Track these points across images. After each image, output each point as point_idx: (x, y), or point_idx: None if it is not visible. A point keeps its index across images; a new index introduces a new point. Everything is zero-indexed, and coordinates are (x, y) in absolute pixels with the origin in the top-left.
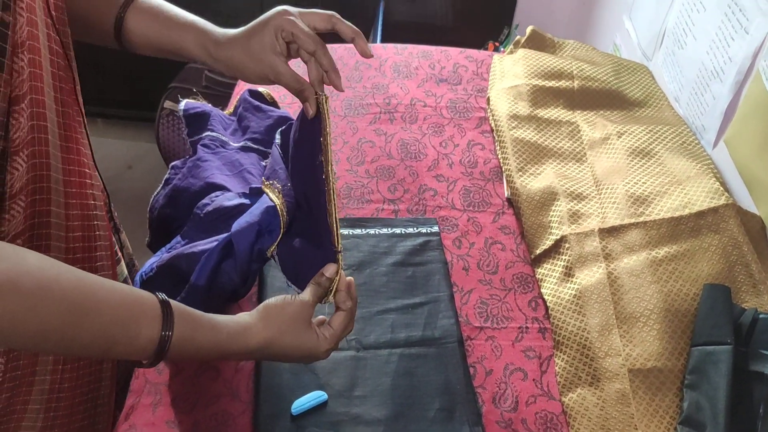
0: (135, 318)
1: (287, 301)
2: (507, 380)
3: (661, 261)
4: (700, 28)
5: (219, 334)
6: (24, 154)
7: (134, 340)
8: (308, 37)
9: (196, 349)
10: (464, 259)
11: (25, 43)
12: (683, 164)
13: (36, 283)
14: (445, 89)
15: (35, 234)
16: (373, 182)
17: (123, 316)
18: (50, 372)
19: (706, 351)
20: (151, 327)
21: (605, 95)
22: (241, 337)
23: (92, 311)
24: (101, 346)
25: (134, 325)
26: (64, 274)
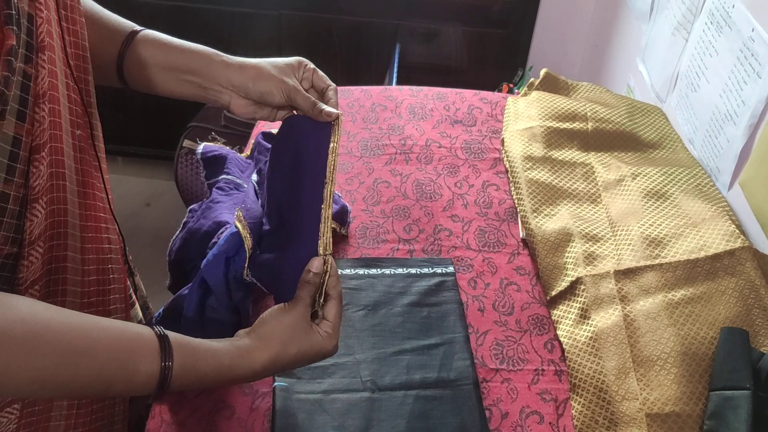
0: (132, 354)
1: (283, 311)
2: (523, 423)
3: (677, 304)
4: (713, 71)
5: (221, 360)
6: (43, 201)
7: (134, 375)
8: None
9: (199, 378)
10: (479, 299)
11: (46, 93)
12: (698, 206)
13: (27, 331)
14: (459, 130)
15: (52, 279)
16: (389, 222)
17: (119, 353)
18: (65, 417)
19: (724, 396)
20: (149, 361)
21: (619, 137)
22: (245, 361)
23: (87, 352)
24: (100, 385)
25: (132, 361)
26: (56, 318)
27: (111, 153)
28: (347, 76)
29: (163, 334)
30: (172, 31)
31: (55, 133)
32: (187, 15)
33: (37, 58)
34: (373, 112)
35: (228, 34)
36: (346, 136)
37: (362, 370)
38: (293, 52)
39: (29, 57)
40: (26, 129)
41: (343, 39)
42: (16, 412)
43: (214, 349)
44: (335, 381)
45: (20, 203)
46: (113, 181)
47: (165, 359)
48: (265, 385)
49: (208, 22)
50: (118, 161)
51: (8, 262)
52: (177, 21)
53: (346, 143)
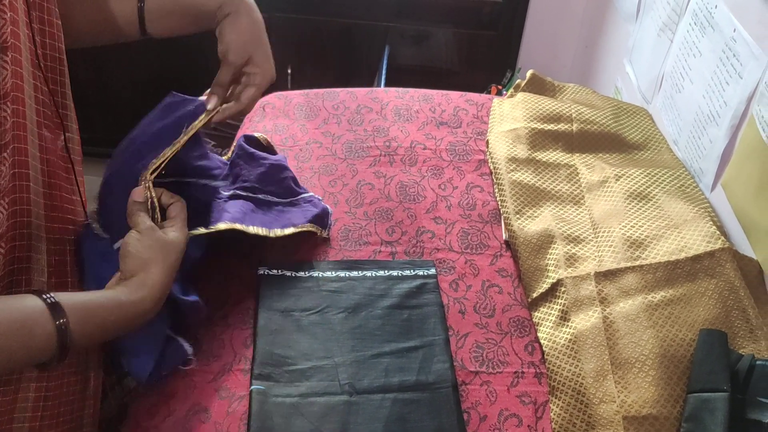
0: (24, 320)
1: (125, 242)
2: (501, 426)
3: (657, 305)
4: (696, 72)
5: (115, 299)
6: (5, 201)
7: (30, 340)
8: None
9: (99, 325)
10: (461, 302)
11: (9, 94)
12: (680, 208)
13: None
14: (445, 132)
15: (14, 280)
16: (371, 224)
17: (12, 323)
18: (29, 419)
19: (702, 398)
20: (43, 322)
21: (604, 138)
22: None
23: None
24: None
25: (26, 327)
26: None
27: (98, 155)
28: (337, 79)
29: (49, 296)
30: None
31: (18, 133)
32: None
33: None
34: (359, 114)
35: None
36: (331, 138)
37: (340, 374)
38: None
39: None
40: None
41: (333, 41)
42: None
43: (102, 294)
44: (313, 384)
45: None
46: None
47: (57, 317)
48: (242, 389)
49: None
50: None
51: None
52: None
53: (331, 145)
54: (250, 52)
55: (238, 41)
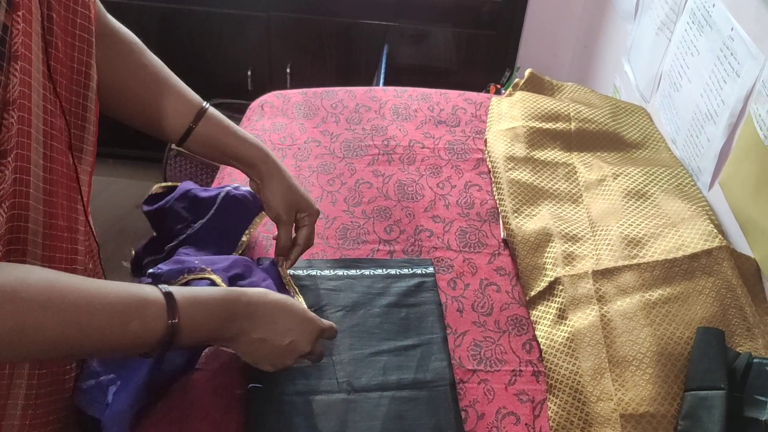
0: (140, 310)
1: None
2: (499, 424)
3: (654, 304)
4: (694, 71)
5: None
6: (5, 206)
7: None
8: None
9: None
10: (459, 300)
11: (16, 101)
12: (678, 206)
13: (39, 294)
14: (443, 131)
15: None
16: (369, 223)
17: (125, 312)
18: (19, 418)
19: (699, 396)
20: (156, 318)
21: (602, 137)
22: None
23: (95, 313)
24: (111, 344)
25: (138, 322)
26: (66, 282)
27: (102, 155)
28: (337, 78)
29: (168, 292)
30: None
31: (22, 140)
32: (178, 17)
33: (8, 66)
34: (357, 112)
35: (217, 36)
36: (329, 137)
37: (338, 372)
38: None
39: (0, 65)
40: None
41: (333, 40)
42: None
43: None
44: (311, 382)
45: None
46: (104, 183)
47: (171, 316)
48: (240, 387)
49: (198, 25)
50: (108, 163)
51: None
52: (167, 23)
53: (329, 144)
54: (296, 207)
55: (284, 204)
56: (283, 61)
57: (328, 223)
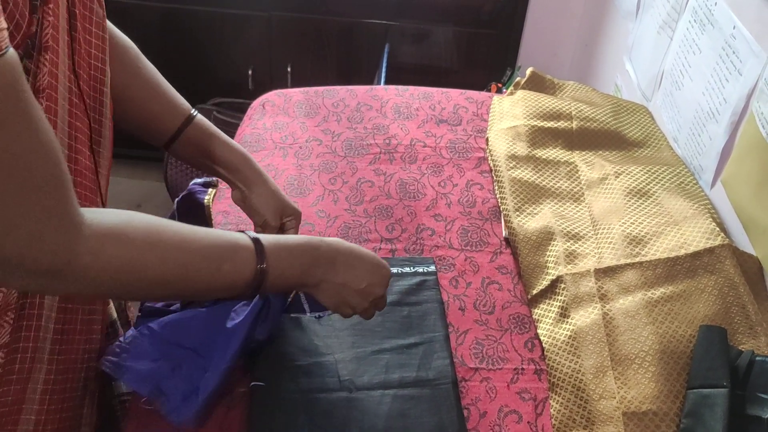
0: (230, 255)
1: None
2: (501, 423)
3: (656, 302)
4: (696, 69)
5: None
6: None
7: (236, 274)
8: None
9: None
10: (461, 299)
11: (44, 90)
12: (680, 204)
13: (143, 235)
14: (444, 130)
15: None
16: (371, 222)
17: (219, 255)
18: (35, 413)
19: (702, 394)
20: (246, 261)
21: (604, 135)
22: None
23: (193, 254)
24: (207, 284)
25: (230, 264)
26: (166, 226)
27: None
28: (338, 77)
29: (256, 238)
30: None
31: None
32: (179, 17)
33: (39, 56)
34: (359, 111)
35: (219, 35)
36: (331, 136)
37: (341, 370)
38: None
39: (29, 53)
40: None
41: (334, 40)
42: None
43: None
44: (313, 380)
45: None
46: None
47: (260, 261)
48: (242, 386)
49: (199, 25)
50: None
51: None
52: (169, 23)
53: (331, 143)
54: (282, 211)
55: (271, 209)
56: (284, 61)
57: (330, 222)
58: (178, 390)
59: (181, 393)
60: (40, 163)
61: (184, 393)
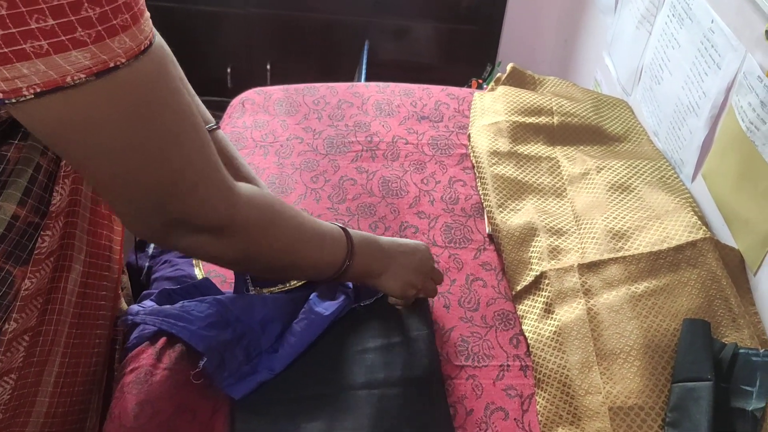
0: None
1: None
2: (488, 420)
3: (640, 296)
4: (675, 63)
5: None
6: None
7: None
8: None
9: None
10: (445, 296)
11: None
12: (662, 198)
13: (275, 205)
14: (426, 126)
15: (62, 254)
16: (354, 220)
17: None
18: (50, 395)
19: (686, 387)
20: (341, 251)
21: (585, 130)
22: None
23: (308, 235)
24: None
25: (329, 249)
26: (284, 203)
27: None
28: (318, 74)
29: (347, 232)
30: None
31: None
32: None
33: None
34: (339, 108)
35: (195, 33)
36: (312, 134)
37: (325, 370)
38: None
39: None
40: None
41: (313, 37)
42: (11, 382)
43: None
44: (297, 381)
45: (48, 176)
46: None
47: (348, 257)
48: None
49: (175, 22)
50: None
51: (29, 230)
52: None
53: (312, 141)
54: None
55: None
56: (263, 58)
57: None
58: (237, 361)
59: (238, 365)
60: (201, 134)
61: (241, 366)
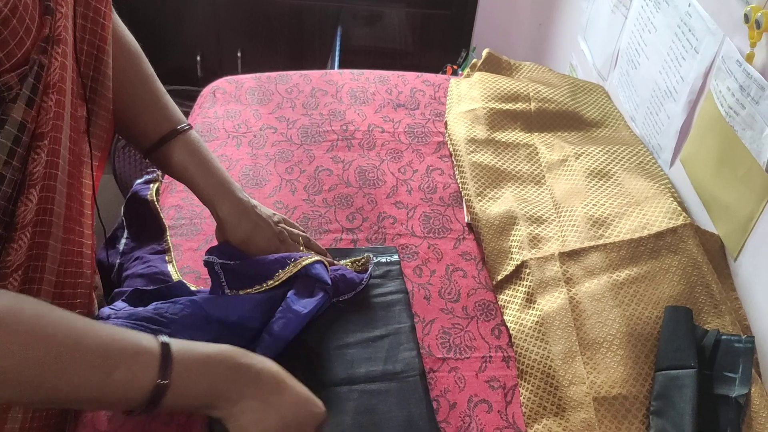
0: (126, 364)
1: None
2: (471, 413)
3: (622, 284)
4: (652, 48)
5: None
6: (37, 189)
7: (131, 384)
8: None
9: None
10: (425, 287)
11: (56, 84)
12: (641, 184)
13: (28, 326)
14: (402, 114)
15: (32, 266)
16: (331, 211)
17: (114, 361)
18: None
19: (670, 375)
20: (146, 373)
21: (562, 116)
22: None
23: (83, 353)
24: (93, 390)
25: (125, 371)
26: (56, 319)
27: None
28: (290, 62)
29: (166, 344)
30: None
31: (57, 123)
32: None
33: (51, 49)
34: (313, 97)
35: (163, 20)
36: (286, 123)
37: (304, 367)
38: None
39: (44, 48)
40: (32, 116)
41: (284, 23)
42: None
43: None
44: None
45: (14, 187)
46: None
47: (162, 376)
48: None
49: (141, 9)
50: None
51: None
52: None
53: (286, 130)
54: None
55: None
56: (233, 46)
57: (289, 213)
58: None
59: None
60: None
61: None
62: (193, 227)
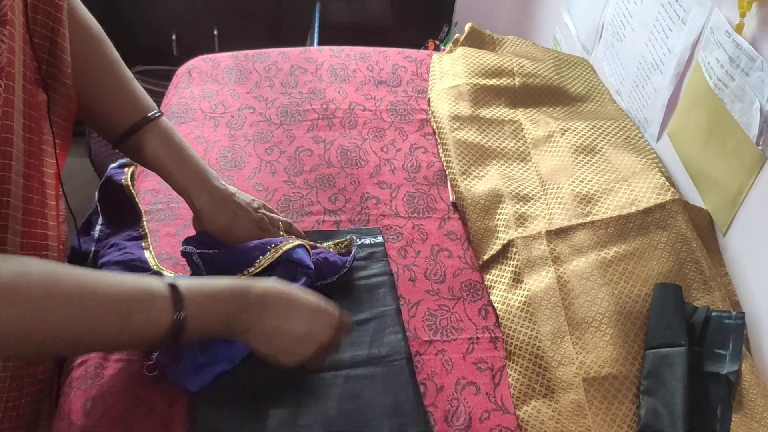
0: (144, 305)
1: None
2: (459, 396)
3: (610, 262)
4: (638, 20)
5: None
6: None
7: (147, 326)
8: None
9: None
10: (410, 269)
11: (3, 69)
12: (628, 160)
13: (39, 287)
14: (384, 92)
15: None
16: (313, 193)
17: (128, 305)
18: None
19: (660, 354)
20: (162, 311)
21: (547, 91)
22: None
23: (97, 306)
24: (114, 338)
25: (143, 315)
26: (64, 275)
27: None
28: (267, 39)
29: (173, 282)
30: None
31: (7, 110)
32: None
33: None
34: (293, 75)
35: (136, 2)
36: (264, 103)
37: None
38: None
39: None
40: None
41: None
42: None
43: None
44: (258, 367)
45: None
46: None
47: (176, 309)
48: None
49: None
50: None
51: None
52: None
53: (265, 110)
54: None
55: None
56: (209, 24)
57: (269, 195)
58: (192, 353)
59: (193, 357)
60: None
61: (196, 358)
62: (170, 212)
